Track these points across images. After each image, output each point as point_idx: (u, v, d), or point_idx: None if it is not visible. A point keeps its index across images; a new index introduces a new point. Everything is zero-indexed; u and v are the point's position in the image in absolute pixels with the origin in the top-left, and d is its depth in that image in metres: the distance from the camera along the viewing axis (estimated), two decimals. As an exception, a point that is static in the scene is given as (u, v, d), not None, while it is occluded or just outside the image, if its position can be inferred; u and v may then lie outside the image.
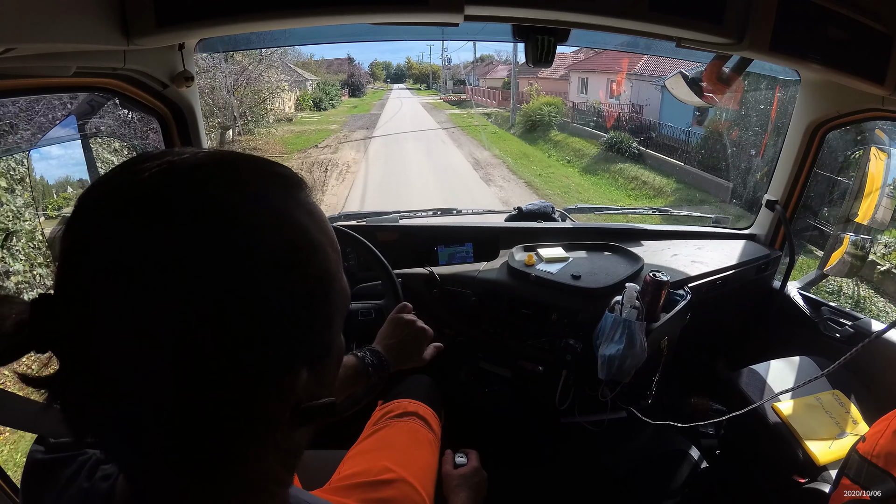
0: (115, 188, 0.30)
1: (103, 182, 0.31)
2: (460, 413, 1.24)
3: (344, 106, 23.14)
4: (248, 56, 10.51)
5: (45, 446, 0.42)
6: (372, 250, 1.07)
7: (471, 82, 27.69)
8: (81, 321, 0.28)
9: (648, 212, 2.10)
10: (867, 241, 1.40)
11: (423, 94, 32.26)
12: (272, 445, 0.34)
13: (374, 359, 0.77)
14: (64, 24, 0.65)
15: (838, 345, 1.31)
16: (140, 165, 0.30)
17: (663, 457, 1.44)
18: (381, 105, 24.69)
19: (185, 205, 0.29)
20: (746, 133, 6.68)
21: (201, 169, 0.31)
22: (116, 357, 0.28)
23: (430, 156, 12.15)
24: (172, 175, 0.30)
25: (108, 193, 0.30)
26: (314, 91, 20.90)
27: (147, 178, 0.30)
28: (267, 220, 0.31)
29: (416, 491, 0.67)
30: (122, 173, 0.31)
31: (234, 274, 0.29)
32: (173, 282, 0.28)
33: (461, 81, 29.46)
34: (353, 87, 29.25)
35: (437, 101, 26.16)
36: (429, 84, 37.75)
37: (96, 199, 0.30)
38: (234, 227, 0.30)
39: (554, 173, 10.34)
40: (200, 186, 0.30)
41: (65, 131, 1.30)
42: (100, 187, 0.30)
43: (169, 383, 0.28)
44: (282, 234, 0.32)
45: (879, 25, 0.92)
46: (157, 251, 0.28)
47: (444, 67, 30.51)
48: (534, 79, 16.64)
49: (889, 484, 0.75)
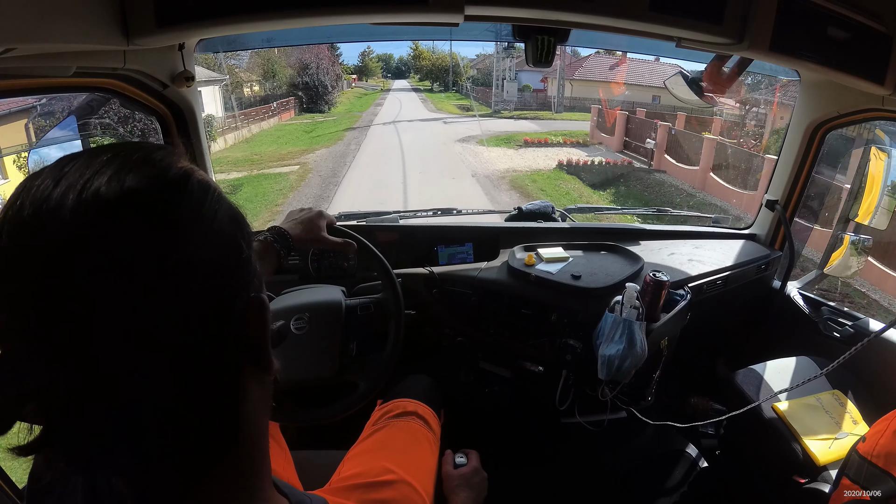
0: (106, 184, 0.29)
1: (89, 176, 0.29)
2: (460, 413, 1.24)
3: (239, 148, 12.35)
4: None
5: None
6: (372, 250, 1.07)
7: (559, 96, 16.29)
8: (80, 321, 0.27)
9: (648, 212, 2.10)
10: (867, 241, 1.40)
11: (444, 104, 19.53)
12: (243, 435, 0.35)
13: (273, 235, 0.84)
14: (64, 24, 0.65)
15: (838, 345, 1.31)
16: (71, 165, 0.30)
17: (663, 457, 1.44)
18: (358, 135, 13.52)
19: (185, 202, 0.30)
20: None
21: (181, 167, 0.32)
22: (117, 357, 0.28)
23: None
24: (161, 174, 0.31)
25: (102, 190, 0.29)
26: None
27: (79, 176, 0.29)
28: (206, 215, 0.32)
29: (416, 492, 0.67)
30: (113, 169, 0.30)
31: (233, 272, 0.30)
32: (175, 281, 0.28)
33: (525, 90, 16.68)
34: (309, 95, 18.58)
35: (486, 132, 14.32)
36: (447, 84, 24.51)
37: (90, 196, 0.28)
38: (176, 224, 0.30)
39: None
40: (185, 184, 0.31)
41: (65, 131, 1.30)
42: (90, 183, 0.29)
43: (170, 383, 0.28)
44: (218, 229, 0.33)
45: (879, 25, 0.92)
46: (157, 250, 0.28)
47: (504, 78, 16.73)
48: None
49: (889, 484, 0.75)
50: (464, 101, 20.06)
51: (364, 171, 11.10)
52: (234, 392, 0.33)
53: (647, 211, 2.04)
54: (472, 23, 0.94)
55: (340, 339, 1.07)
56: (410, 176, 10.69)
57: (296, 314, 1.05)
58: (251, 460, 0.35)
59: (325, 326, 1.06)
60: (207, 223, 0.32)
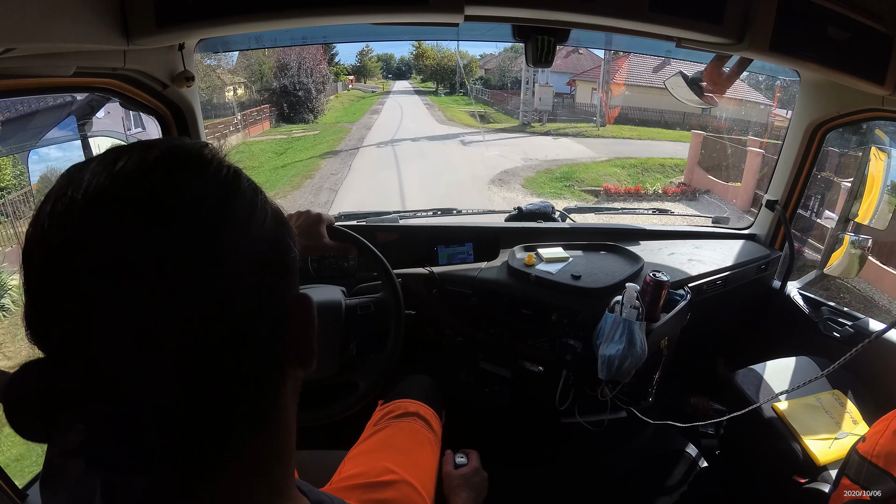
0: (105, 183, 0.29)
1: (86, 176, 0.29)
2: (460, 413, 1.24)
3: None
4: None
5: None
6: (372, 250, 1.07)
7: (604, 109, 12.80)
8: (80, 321, 0.27)
9: (648, 212, 2.10)
10: (867, 240, 1.40)
11: (453, 111, 16.25)
12: (272, 431, 0.35)
13: None
14: (64, 24, 0.65)
15: (838, 345, 1.31)
16: (124, 159, 0.30)
17: (663, 457, 1.44)
18: (339, 165, 9.58)
19: (184, 200, 0.29)
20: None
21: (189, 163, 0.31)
22: (117, 357, 0.28)
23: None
24: (162, 170, 0.30)
25: (100, 188, 0.28)
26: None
27: (136, 172, 0.29)
28: (258, 215, 0.32)
29: (416, 492, 0.67)
30: (106, 168, 0.29)
31: (234, 271, 0.30)
32: (176, 281, 0.28)
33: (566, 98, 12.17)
34: (289, 102, 15.27)
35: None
36: (453, 86, 22.56)
37: (86, 195, 0.28)
38: (231, 224, 0.30)
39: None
40: (190, 182, 0.30)
41: (64, 131, 1.30)
42: (85, 182, 0.29)
43: (172, 383, 0.28)
44: (268, 229, 0.33)
45: (879, 25, 0.92)
46: (158, 249, 0.28)
47: (535, 82, 13.54)
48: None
49: (889, 484, 0.75)
50: (475, 107, 17.08)
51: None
52: (271, 390, 0.34)
53: (647, 211, 2.04)
54: (472, 23, 0.94)
55: (340, 339, 1.07)
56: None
57: None
58: (279, 457, 0.36)
59: (325, 326, 1.06)
60: (258, 224, 0.32)
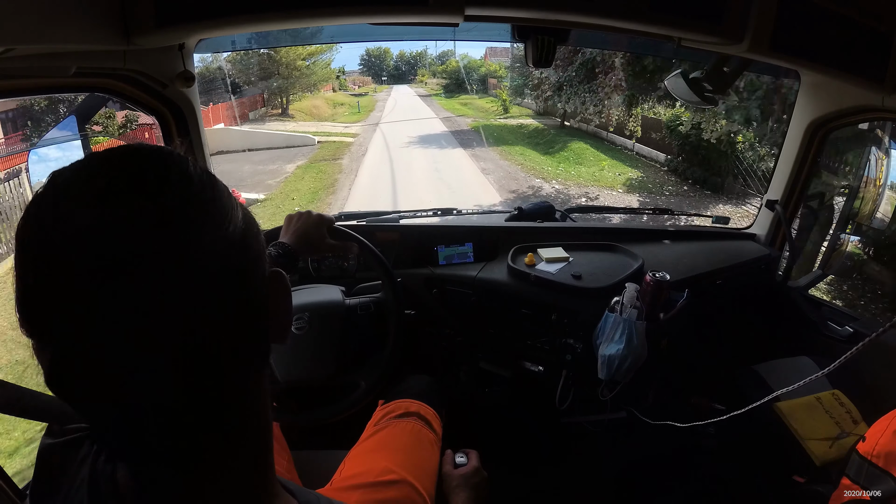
0: (105, 182, 0.29)
1: (85, 176, 0.30)
2: (460, 413, 1.24)
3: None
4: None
5: (54, 433, 0.42)
6: (372, 250, 1.07)
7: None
8: (79, 321, 0.27)
9: (648, 211, 2.10)
10: (867, 241, 1.40)
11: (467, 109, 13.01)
12: (261, 423, 0.36)
13: (277, 251, 0.82)
14: (64, 24, 0.65)
15: (838, 345, 1.31)
16: (123, 159, 0.31)
17: (663, 457, 1.44)
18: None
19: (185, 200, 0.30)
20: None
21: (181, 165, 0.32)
22: (117, 357, 0.28)
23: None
24: (165, 169, 0.31)
25: (100, 187, 0.29)
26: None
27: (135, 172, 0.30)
28: (244, 214, 0.34)
29: (417, 492, 0.67)
30: (104, 167, 0.30)
31: (234, 269, 0.30)
32: (175, 280, 0.28)
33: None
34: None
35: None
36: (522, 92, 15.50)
37: (84, 194, 0.29)
38: (229, 224, 0.31)
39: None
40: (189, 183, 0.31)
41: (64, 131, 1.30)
42: (83, 182, 0.29)
43: (172, 382, 0.28)
44: (254, 225, 0.35)
45: (879, 25, 0.92)
46: (158, 249, 0.28)
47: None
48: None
49: (889, 484, 0.75)
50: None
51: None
52: (244, 387, 0.34)
53: (647, 211, 2.04)
54: (472, 23, 0.94)
55: (340, 339, 1.07)
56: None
57: (296, 314, 1.05)
58: (259, 456, 0.36)
59: (325, 326, 1.06)
60: (237, 217, 0.33)
